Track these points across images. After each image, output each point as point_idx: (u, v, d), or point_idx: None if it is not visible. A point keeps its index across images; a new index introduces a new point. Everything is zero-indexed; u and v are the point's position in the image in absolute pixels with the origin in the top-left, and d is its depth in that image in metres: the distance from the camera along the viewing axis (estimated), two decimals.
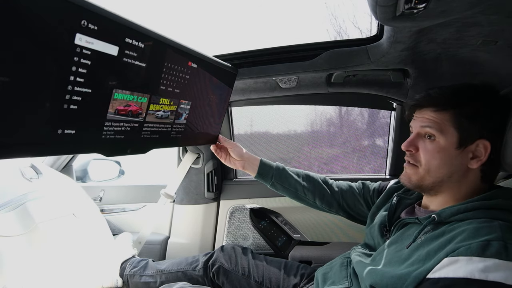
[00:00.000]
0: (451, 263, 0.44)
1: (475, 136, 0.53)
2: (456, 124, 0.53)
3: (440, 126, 0.54)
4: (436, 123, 0.55)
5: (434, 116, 0.55)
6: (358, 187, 0.86)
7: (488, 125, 0.53)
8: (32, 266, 0.77)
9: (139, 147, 0.65)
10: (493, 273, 0.40)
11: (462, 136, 0.53)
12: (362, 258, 0.65)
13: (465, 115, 0.53)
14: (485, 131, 0.52)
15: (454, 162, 0.54)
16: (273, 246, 1.27)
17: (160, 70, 0.59)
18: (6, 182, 0.97)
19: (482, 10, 0.50)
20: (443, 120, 0.54)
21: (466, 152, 0.53)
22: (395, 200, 0.68)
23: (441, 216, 0.52)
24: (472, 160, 0.53)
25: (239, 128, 1.44)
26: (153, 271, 1.02)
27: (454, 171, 0.54)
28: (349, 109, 1.68)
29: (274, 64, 0.91)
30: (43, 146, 0.43)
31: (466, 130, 0.53)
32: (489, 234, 0.44)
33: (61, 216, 0.94)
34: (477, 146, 0.53)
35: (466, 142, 0.53)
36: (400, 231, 0.60)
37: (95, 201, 1.40)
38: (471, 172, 0.55)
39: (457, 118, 0.53)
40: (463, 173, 0.55)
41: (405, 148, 0.59)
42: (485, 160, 0.53)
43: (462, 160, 0.54)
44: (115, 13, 0.45)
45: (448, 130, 0.54)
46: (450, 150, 0.54)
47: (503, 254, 0.41)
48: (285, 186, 0.86)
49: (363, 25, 6.77)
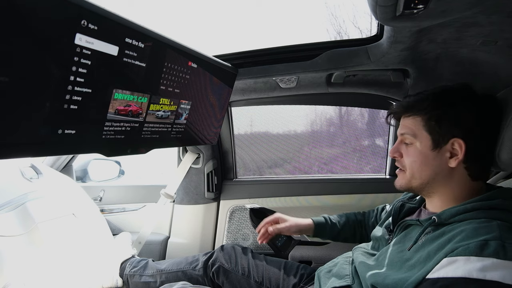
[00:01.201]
0: (450, 263, 0.44)
1: (447, 136, 0.55)
2: (427, 127, 0.57)
3: (414, 131, 0.58)
4: (411, 129, 0.59)
5: (408, 122, 0.60)
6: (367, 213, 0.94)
7: (458, 124, 0.55)
8: (32, 266, 0.77)
9: (139, 147, 0.65)
10: (491, 272, 0.41)
11: (435, 138, 0.56)
12: (365, 257, 0.66)
13: (433, 118, 0.56)
14: (457, 130, 0.55)
15: (434, 163, 0.57)
16: (273, 246, 1.26)
17: (160, 70, 0.59)
18: (6, 182, 0.97)
19: (482, 10, 0.50)
20: (416, 125, 0.58)
21: (442, 152, 0.56)
22: (398, 204, 0.70)
23: (441, 218, 0.53)
24: (450, 159, 0.56)
25: (239, 128, 1.44)
26: (153, 271, 1.02)
27: (437, 171, 0.57)
28: (349, 109, 1.68)
29: (274, 64, 0.91)
30: (43, 146, 0.43)
31: (437, 132, 0.56)
32: (487, 234, 0.44)
33: (61, 216, 0.94)
34: (453, 145, 0.55)
35: (440, 143, 0.56)
36: (403, 233, 0.61)
37: (95, 201, 1.40)
38: (455, 171, 0.56)
39: (427, 122, 0.57)
40: (448, 173, 0.56)
41: (391, 156, 0.64)
42: (462, 157, 0.54)
43: (441, 160, 0.56)
44: (115, 13, 0.45)
45: (422, 134, 0.58)
46: (427, 152, 0.57)
47: (500, 253, 0.42)
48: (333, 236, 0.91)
49: (363, 25, 6.76)
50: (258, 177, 1.45)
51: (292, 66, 0.90)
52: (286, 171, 1.64)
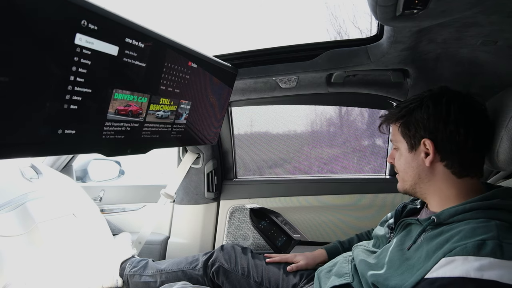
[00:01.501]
0: (448, 263, 0.45)
1: (417, 138, 0.59)
2: (401, 133, 0.63)
3: (396, 137, 0.64)
4: (394, 135, 0.65)
5: (392, 130, 0.67)
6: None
7: (422, 126, 0.58)
8: (32, 266, 0.77)
9: (139, 147, 0.65)
10: (488, 272, 0.41)
11: (408, 141, 0.61)
12: (365, 255, 0.67)
13: (404, 124, 0.62)
14: (423, 131, 0.58)
15: (413, 164, 0.61)
16: (273, 246, 1.27)
17: (160, 70, 0.59)
18: (6, 182, 0.97)
19: (482, 10, 0.50)
20: (395, 132, 0.64)
21: (418, 153, 0.60)
22: (400, 206, 0.72)
23: (440, 218, 0.53)
24: (425, 159, 0.58)
25: (239, 128, 1.44)
26: (153, 270, 1.02)
27: (418, 172, 0.60)
28: (349, 109, 1.68)
29: (274, 64, 0.91)
30: (43, 146, 0.43)
31: (408, 136, 0.61)
32: (485, 234, 0.45)
33: (61, 216, 0.94)
34: (425, 145, 0.58)
35: (414, 145, 0.60)
36: (404, 232, 0.61)
37: (95, 201, 1.40)
38: (435, 170, 0.58)
39: (400, 128, 0.63)
40: (429, 172, 0.59)
41: (389, 161, 0.71)
42: (433, 156, 0.57)
43: (418, 160, 0.60)
44: (115, 13, 0.45)
45: (400, 139, 0.63)
46: (406, 155, 0.62)
47: (498, 253, 0.42)
48: None
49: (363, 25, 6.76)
50: (258, 177, 1.45)
51: (292, 66, 0.90)
52: (286, 171, 1.64)
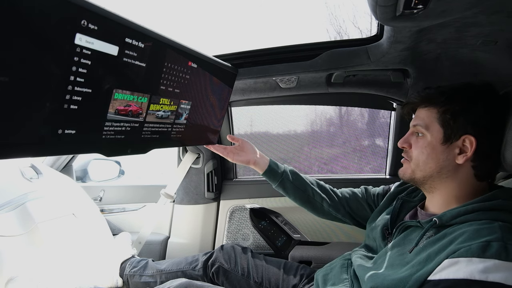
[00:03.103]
0: (451, 265, 0.44)
1: (460, 132, 0.55)
2: (441, 121, 0.56)
3: (427, 123, 0.58)
4: (424, 120, 0.59)
5: (423, 114, 0.60)
6: (361, 192, 0.87)
7: (473, 122, 0.54)
8: (32, 266, 0.77)
9: (139, 147, 0.65)
10: (493, 274, 0.40)
11: (447, 132, 0.56)
12: (363, 261, 0.65)
13: (449, 112, 0.56)
14: (470, 127, 0.54)
15: (441, 157, 0.56)
16: (273, 246, 1.27)
17: (160, 70, 0.59)
18: (6, 182, 0.97)
19: (482, 10, 0.50)
20: (430, 117, 0.58)
21: (452, 147, 0.55)
22: (398, 203, 0.69)
23: (442, 220, 0.52)
24: (459, 155, 0.55)
25: (239, 128, 1.44)
26: (153, 271, 1.02)
27: (443, 166, 0.56)
28: (349, 109, 1.68)
29: (274, 64, 0.91)
30: (43, 146, 0.43)
31: (450, 126, 0.55)
32: (489, 235, 0.44)
33: (61, 216, 0.94)
34: (463, 141, 0.54)
35: (451, 138, 0.55)
36: (402, 235, 0.60)
37: (95, 201, 1.40)
38: (462, 168, 0.56)
39: (442, 115, 0.56)
40: (453, 169, 0.56)
41: (400, 145, 0.64)
42: (471, 155, 0.54)
43: (448, 155, 0.56)
44: (115, 13, 0.45)
45: (434, 126, 0.57)
46: (437, 145, 0.57)
47: (502, 254, 0.41)
48: (295, 185, 0.85)
49: (363, 25, 6.77)
50: (258, 177, 1.45)
51: (292, 66, 0.90)
52: None
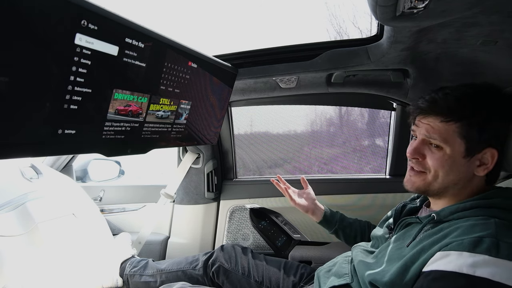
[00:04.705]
0: (442, 257, 0.45)
1: (483, 145, 0.52)
2: (463, 135, 0.52)
3: (446, 137, 0.53)
4: (442, 134, 0.53)
5: (440, 126, 0.54)
6: None
7: (496, 134, 0.52)
8: (32, 266, 0.77)
9: (139, 147, 0.65)
10: (481, 269, 0.41)
11: (470, 145, 0.52)
12: (364, 255, 0.67)
13: (473, 125, 0.52)
14: (493, 139, 0.52)
15: (461, 170, 0.54)
16: (273, 246, 1.27)
17: (160, 70, 0.59)
18: (6, 182, 0.97)
19: (482, 10, 0.50)
20: (449, 131, 0.53)
21: (473, 160, 0.53)
22: (400, 206, 0.70)
23: (440, 215, 0.53)
24: (479, 167, 0.53)
25: (239, 128, 1.44)
26: (153, 270, 1.02)
27: (461, 177, 0.54)
28: (349, 109, 1.68)
29: (274, 64, 0.91)
30: (43, 146, 0.43)
31: (474, 140, 0.52)
32: (482, 231, 0.45)
33: (61, 216, 0.94)
34: (484, 154, 0.53)
35: (474, 151, 0.52)
36: (403, 230, 0.61)
37: (95, 201, 1.40)
38: (477, 178, 0.55)
39: (465, 129, 0.52)
40: (470, 179, 0.55)
41: (411, 156, 0.58)
42: (492, 168, 0.53)
43: (469, 168, 0.54)
44: (115, 13, 0.45)
45: (455, 140, 0.53)
46: (458, 158, 0.53)
47: (493, 251, 0.42)
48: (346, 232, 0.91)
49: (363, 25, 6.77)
50: (258, 177, 1.45)
51: (292, 66, 0.90)
52: (286, 171, 1.64)
